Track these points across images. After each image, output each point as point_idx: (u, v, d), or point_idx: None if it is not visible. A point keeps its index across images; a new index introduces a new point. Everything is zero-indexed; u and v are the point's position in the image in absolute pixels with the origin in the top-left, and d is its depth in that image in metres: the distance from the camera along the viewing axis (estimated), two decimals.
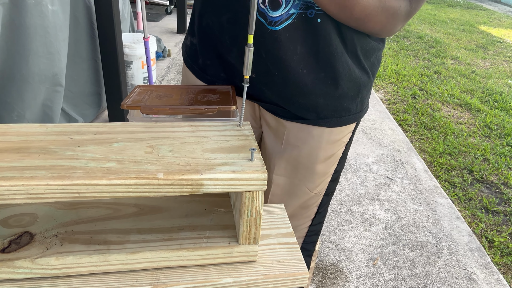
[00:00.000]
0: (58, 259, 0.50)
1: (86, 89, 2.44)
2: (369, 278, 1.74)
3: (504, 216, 2.27)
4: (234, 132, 0.59)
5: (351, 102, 0.82)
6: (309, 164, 0.86)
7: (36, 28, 1.83)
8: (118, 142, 0.54)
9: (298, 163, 0.86)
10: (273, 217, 0.65)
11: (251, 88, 0.79)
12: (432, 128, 3.19)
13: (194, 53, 0.87)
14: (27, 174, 0.45)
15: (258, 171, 0.49)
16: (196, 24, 0.83)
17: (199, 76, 0.87)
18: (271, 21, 0.69)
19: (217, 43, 0.79)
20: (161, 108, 0.66)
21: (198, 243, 0.54)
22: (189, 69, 0.89)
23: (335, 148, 0.87)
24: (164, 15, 5.52)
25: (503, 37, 6.30)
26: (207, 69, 0.85)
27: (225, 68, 0.82)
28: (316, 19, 0.69)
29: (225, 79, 0.83)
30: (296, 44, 0.72)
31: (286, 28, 0.70)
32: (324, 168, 0.88)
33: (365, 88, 0.83)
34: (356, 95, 0.82)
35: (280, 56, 0.73)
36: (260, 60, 0.75)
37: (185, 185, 0.47)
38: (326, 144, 0.85)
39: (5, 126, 0.56)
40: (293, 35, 0.71)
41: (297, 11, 0.69)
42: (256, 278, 0.53)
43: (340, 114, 0.82)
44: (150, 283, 0.51)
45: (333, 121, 0.83)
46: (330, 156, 0.87)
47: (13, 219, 0.56)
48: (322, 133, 0.83)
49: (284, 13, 0.69)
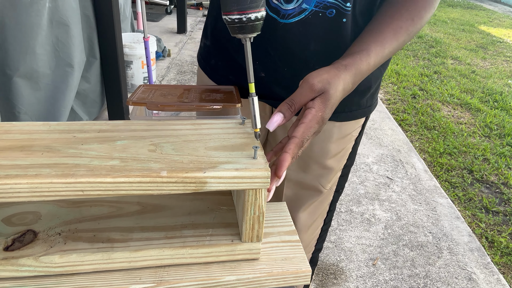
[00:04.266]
0: (62, 257, 0.50)
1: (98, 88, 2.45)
2: (369, 278, 1.74)
3: (504, 216, 2.27)
4: (237, 130, 0.59)
5: (361, 97, 0.83)
6: (320, 159, 0.87)
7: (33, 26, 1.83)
8: (121, 140, 0.54)
9: (310, 158, 0.87)
10: (276, 215, 0.65)
11: (260, 87, 0.79)
12: (432, 128, 3.20)
13: (207, 54, 0.89)
14: (31, 172, 0.45)
15: (261, 169, 0.49)
16: (210, 27, 0.85)
17: (211, 75, 0.89)
18: (284, 14, 0.70)
19: (228, 45, 0.81)
20: (166, 105, 0.66)
21: (201, 241, 0.54)
22: (202, 69, 0.91)
23: (345, 142, 0.88)
24: (164, 15, 5.52)
25: (503, 37, 6.31)
26: (219, 69, 0.86)
27: (233, 70, 0.83)
28: (340, 19, 0.70)
29: (233, 81, 0.85)
30: (309, 40, 0.72)
31: (299, 22, 0.70)
32: (335, 163, 0.89)
33: (375, 83, 0.84)
34: (367, 90, 0.83)
35: (291, 50, 0.73)
36: (268, 58, 0.75)
37: (188, 183, 0.47)
38: (337, 139, 0.85)
39: (8, 124, 0.56)
40: (307, 30, 0.71)
41: (310, 7, 0.69)
42: (259, 275, 0.53)
43: (350, 108, 0.83)
44: (153, 280, 0.51)
45: (343, 116, 0.83)
46: (340, 151, 0.88)
47: (16, 217, 0.57)
48: (333, 128, 0.84)
49: (296, 7, 0.69)
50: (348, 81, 0.62)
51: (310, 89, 0.57)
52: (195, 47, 4.40)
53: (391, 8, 0.70)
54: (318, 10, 0.69)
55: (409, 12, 0.69)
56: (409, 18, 0.69)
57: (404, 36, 0.69)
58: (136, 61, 2.95)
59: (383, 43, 0.67)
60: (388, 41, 0.67)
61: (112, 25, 2.18)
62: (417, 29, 0.70)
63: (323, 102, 0.57)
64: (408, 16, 0.69)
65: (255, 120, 0.52)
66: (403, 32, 0.68)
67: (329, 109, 0.58)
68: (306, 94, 0.57)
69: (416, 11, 0.69)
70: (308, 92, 0.57)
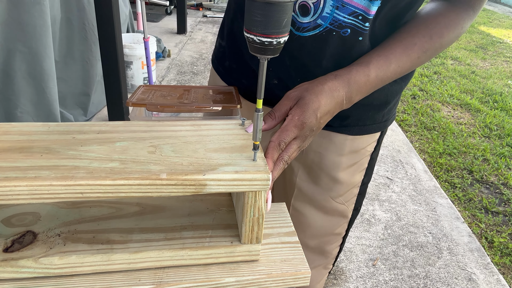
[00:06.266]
0: (62, 259, 0.50)
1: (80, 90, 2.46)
2: (369, 278, 1.74)
3: (504, 217, 2.27)
4: (236, 131, 0.59)
5: (377, 111, 0.80)
6: (332, 172, 0.84)
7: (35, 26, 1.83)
8: (120, 141, 0.54)
9: (321, 170, 0.84)
10: (275, 216, 0.65)
11: (271, 94, 0.78)
12: (432, 128, 3.20)
13: (222, 55, 0.87)
14: (30, 175, 0.45)
15: (261, 171, 0.49)
16: (226, 28, 0.84)
17: (224, 77, 0.87)
18: (299, 26, 0.69)
19: (243, 49, 0.79)
20: (166, 106, 0.66)
21: (200, 242, 0.54)
22: (216, 70, 0.90)
23: (358, 156, 0.85)
24: (164, 15, 5.52)
25: (503, 38, 6.31)
26: (232, 72, 0.85)
27: (247, 74, 0.81)
28: (356, 37, 0.68)
29: (246, 85, 0.83)
30: (322, 57, 0.70)
31: (313, 37, 0.69)
32: (347, 177, 0.86)
33: (393, 98, 0.81)
34: (384, 104, 0.80)
35: (305, 63, 0.72)
36: (283, 66, 0.74)
37: (188, 185, 0.47)
38: (349, 152, 0.83)
39: (7, 125, 0.56)
40: (319, 47, 0.69)
41: (325, 24, 0.67)
42: (259, 277, 0.53)
43: (364, 122, 0.81)
44: (153, 282, 0.51)
45: (356, 129, 0.81)
46: (353, 165, 0.85)
47: (15, 218, 0.57)
48: (345, 141, 0.81)
49: (312, 21, 0.68)
50: (337, 88, 0.62)
51: (286, 98, 0.62)
52: (195, 47, 4.40)
53: (410, 25, 0.69)
54: (332, 29, 0.67)
55: (429, 29, 0.68)
56: (426, 35, 0.67)
57: (417, 52, 0.67)
58: (136, 61, 2.95)
59: (389, 57, 0.66)
60: (396, 55, 0.66)
61: (112, 25, 2.18)
62: (436, 48, 0.69)
63: (299, 107, 0.60)
64: (426, 33, 0.67)
65: (257, 134, 0.52)
66: (417, 49, 0.67)
67: (309, 113, 0.59)
68: (283, 102, 0.62)
69: (437, 28, 0.68)
70: (284, 101, 0.62)
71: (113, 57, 2.28)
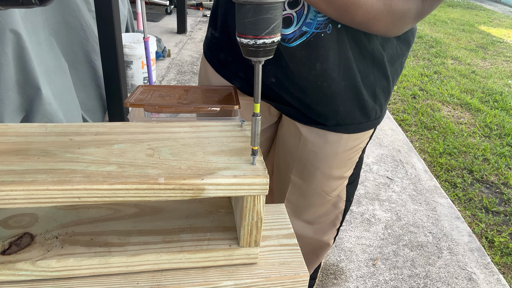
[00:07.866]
0: (59, 262, 0.50)
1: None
2: (369, 278, 1.74)
3: (504, 216, 2.27)
4: (235, 133, 0.59)
5: (371, 109, 0.81)
6: (326, 170, 0.86)
7: None
8: (118, 143, 0.54)
9: (316, 168, 0.86)
10: (274, 218, 0.64)
11: (269, 90, 0.78)
12: (432, 128, 3.19)
13: (216, 46, 0.86)
14: (27, 179, 0.44)
15: (260, 176, 0.48)
16: (220, 20, 0.82)
17: (219, 70, 0.86)
18: (284, 38, 0.69)
19: None
20: (164, 106, 0.66)
21: (199, 245, 0.54)
22: (209, 63, 0.88)
23: (352, 153, 0.86)
24: (164, 15, 5.51)
25: (503, 37, 6.30)
26: (228, 65, 0.84)
27: (244, 67, 0.81)
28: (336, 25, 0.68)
29: (243, 78, 0.82)
30: (314, 61, 0.71)
31: (301, 45, 0.69)
32: (340, 173, 0.88)
33: (384, 95, 0.82)
34: (376, 102, 0.81)
35: (298, 71, 0.72)
36: (280, 67, 0.74)
37: (186, 190, 0.47)
38: (344, 151, 0.84)
39: (4, 126, 0.56)
40: (311, 53, 0.70)
41: (311, 30, 0.68)
42: (257, 280, 0.53)
43: (359, 120, 0.82)
44: (151, 285, 0.51)
45: (352, 128, 0.82)
46: (346, 161, 0.87)
47: (13, 219, 0.56)
48: (340, 139, 0.82)
49: (296, 30, 0.68)
50: None
51: None
52: (195, 47, 4.40)
53: None
54: (319, 32, 0.68)
55: None
56: None
57: None
58: (136, 61, 2.95)
59: None
60: None
61: (112, 25, 2.18)
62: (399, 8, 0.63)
63: None
64: None
65: (255, 138, 0.51)
66: None
67: None
68: None
69: None
70: None
71: (113, 57, 2.28)
